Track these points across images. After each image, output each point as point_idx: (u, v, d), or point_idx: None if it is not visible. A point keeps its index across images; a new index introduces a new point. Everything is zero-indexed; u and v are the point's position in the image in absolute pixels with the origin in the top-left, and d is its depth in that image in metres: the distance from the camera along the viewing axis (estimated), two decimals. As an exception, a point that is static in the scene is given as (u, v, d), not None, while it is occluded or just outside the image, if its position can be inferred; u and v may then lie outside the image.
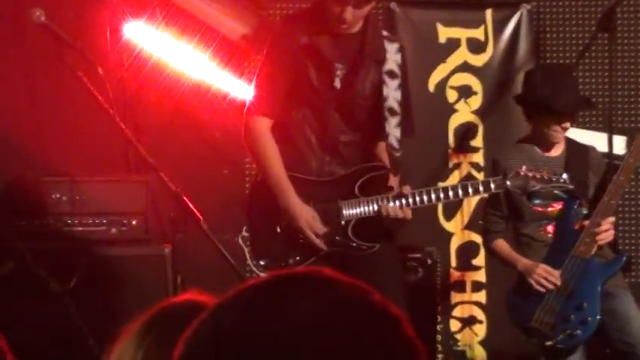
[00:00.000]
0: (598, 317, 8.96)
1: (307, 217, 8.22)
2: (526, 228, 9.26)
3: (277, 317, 2.09)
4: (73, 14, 9.97)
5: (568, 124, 9.13)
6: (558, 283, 9.04)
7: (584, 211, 9.19)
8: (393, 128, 8.44)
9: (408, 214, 8.32)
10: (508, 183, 8.63)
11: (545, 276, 8.99)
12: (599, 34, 10.48)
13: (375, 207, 8.33)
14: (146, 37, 10.59)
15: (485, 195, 9.31)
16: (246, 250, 8.49)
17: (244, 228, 8.64)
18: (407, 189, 8.27)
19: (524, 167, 8.72)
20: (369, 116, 8.50)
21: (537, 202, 9.20)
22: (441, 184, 9.81)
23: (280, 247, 8.41)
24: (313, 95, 8.40)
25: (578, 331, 8.97)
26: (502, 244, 9.31)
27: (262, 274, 7.89)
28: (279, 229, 8.39)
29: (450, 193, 8.64)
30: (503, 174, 8.76)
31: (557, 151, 9.24)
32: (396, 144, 8.44)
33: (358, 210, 8.34)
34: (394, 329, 2.11)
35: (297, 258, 8.32)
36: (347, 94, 8.42)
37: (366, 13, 8.28)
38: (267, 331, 2.08)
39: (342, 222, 8.36)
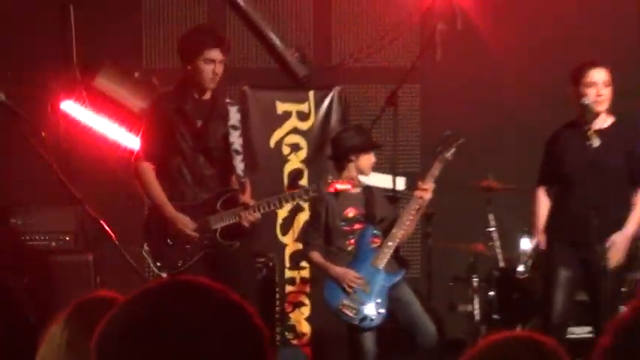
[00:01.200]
0: (386, 310, 9.75)
1: (182, 220, 8.99)
2: (336, 242, 10.00)
3: (166, 314, 2.26)
4: (25, 95, 10.02)
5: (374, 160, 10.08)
6: (363, 284, 9.80)
7: (376, 231, 10.01)
8: (238, 163, 9.09)
9: (257, 217, 9.09)
10: (323, 190, 9.51)
11: (354, 280, 9.76)
12: (386, 107, 11.09)
13: (233, 217, 9.09)
14: (76, 110, 11.17)
15: (307, 202, 10.30)
16: (148, 258, 9.16)
17: (145, 243, 9.25)
18: (252, 202, 9.07)
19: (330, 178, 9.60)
20: (223, 156, 9.19)
21: (344, 224, 10.01)
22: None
23: (171, 253, 9.11)
24: (184, 144, 9.15)
25: (374, 318, 9.76)
26: (316, 255, 10.02)
27: (161, 274, 9.06)
28: (169, 242, 9.10)
29: (283, 201, 9.55)
30: (320, 192, 9.59)
31: (357, 188, 9.99)
32: (241, 173, 9.11)
33: (221, 221, 9.13)
34: (247, 322, 2.31)
35: (182, 261, 9.08)
36: (206, 142, 9.21)
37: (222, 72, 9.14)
38: (158, 326, 2.24)
39: (212, 230, 9.14)
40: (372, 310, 9.85)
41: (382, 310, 9.81)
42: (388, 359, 10.03)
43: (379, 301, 9.83)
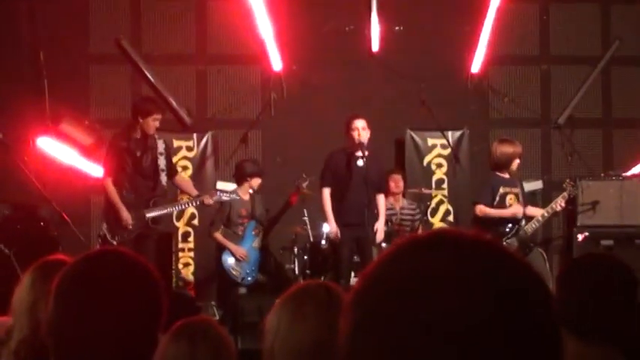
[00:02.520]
0: (257, 273, 10.26)
1: (127, 214, 9.17)
2: (233, 228, 10.31)
3: (97, 269, 2.26)
4: (14, 134, 10.36)
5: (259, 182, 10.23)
6: (246, 257, 10.14)
7: (256, 224, 10.33)
8: (163, 176, 9.48)
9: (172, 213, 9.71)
10: (223, 197, 9.86)
11: (242, 254, 10.07)
12: (241, 144, 11.31)
13: (158, 211, 9.47)
14: (47, 144, 11.15)
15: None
16: (106, 232, 9.24)
17: (104, 225, 9.41)
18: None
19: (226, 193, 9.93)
20: (152, 173, 9.46)
21: (239, 219, 10.29)
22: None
23: (120, 231, 9.26)
24: (130, 167, 9.35)
25: (250, 278, 10.25)
26: (219, 235, 10.28)
27: (113, 242, 9.14)
28: (118, 224, 9.25)
29: (186, 205, 10.16)
30: (219, 197, 9.80)
31: (247, 197, 10.31)
32: (164, 183, 9.54)
33: (152, 213, 9.42)
34: (148, 275, 2.27)
35: (127, 234, 9.23)
36: (143, 164, 9.41)
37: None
38: (92, 277, 2.24)
39: (146, 218, 9.39)
40: (249, 272, 10.31)
41: (254, 274, 10.33)
42: (251, 297, 10.00)
43: (253, 268, 10.34)
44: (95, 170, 11.00)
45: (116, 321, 2.19)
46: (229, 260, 10.27)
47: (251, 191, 10.37)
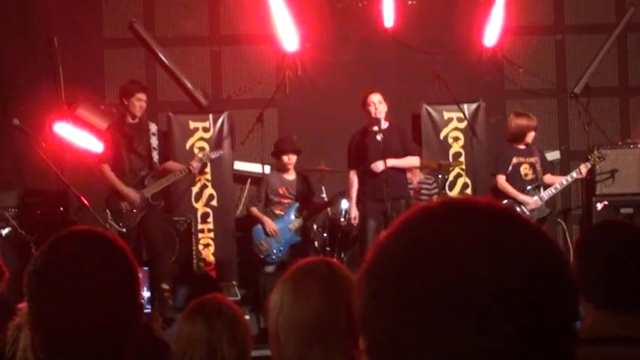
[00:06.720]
0: (283, 254, 10.30)
1: (132, 194, 9.52)
2: (270, 206, 10.50)
3: (72, 248, 2.20)
4: (32, 121, 10.20)
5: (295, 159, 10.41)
6: (277, 235, 10.29)
7: (298, 206, 10.45)
8: (155, 155, 9.79)
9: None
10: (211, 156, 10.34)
11: (273, 229, 10.27)
12: (257, 123, 11.11)
13: (155, 188, 9.71)
14: (64, 129, 11.07)
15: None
16: (112, 220, 9.65)
17: (108, 211, 9.76)
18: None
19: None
20: (146, 153, 9.81)
21: (276, 197, 10.50)
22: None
23: (125, 216, 9.62)
24: (124, 150, 9.65)
25: (274, 257, 10.35)
26: (255, 210, 10.47)
27: (122, 230, 9.54)
28: (123, 208, 9.69)
29: (178, 175, 10.09)
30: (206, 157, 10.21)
31: (292, 176, 10.54)
32: (157, 162, 9.82)
33: (150, 191, 9.69)
34: (122, 253, 2.23)
35: (134, 219, 9.52)
36: (135, 148, 9.73)
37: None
38: (58, 261, 2.20)
39: (147, 197, 9.67)
40: (276, 251, 10.40)
41: (281, 254, 10.37)
42: (276, 277, 9.88)
43: (282, 248, 10.38)
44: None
45: (91, 300, 2.15)
46: (260, 233, 10.39)
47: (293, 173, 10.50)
